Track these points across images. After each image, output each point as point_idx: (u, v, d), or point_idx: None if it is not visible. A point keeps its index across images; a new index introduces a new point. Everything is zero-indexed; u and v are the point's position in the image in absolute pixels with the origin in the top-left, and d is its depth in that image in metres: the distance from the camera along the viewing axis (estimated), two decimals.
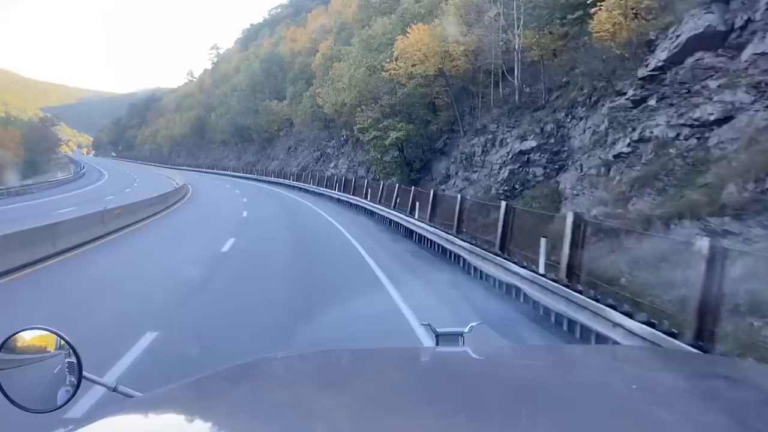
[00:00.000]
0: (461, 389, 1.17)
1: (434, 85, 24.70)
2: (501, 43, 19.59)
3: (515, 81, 18.95)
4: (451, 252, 11.25)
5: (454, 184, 19.98)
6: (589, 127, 14.83)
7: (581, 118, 15.50)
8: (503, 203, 11.36)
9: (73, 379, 1.36)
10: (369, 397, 1.14)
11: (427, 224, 13.53)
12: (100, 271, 10.02)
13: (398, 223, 16.21)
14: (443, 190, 19.91)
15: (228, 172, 58.70)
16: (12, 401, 1.28)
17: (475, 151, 19.65)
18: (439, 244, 12.11)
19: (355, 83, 28.35)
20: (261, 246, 13.44)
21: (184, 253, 11.76)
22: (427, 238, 13.00)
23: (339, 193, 27.09)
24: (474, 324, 1.71)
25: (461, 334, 1.63)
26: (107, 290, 8.30)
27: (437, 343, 1.65)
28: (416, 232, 14.13)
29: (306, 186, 34.43)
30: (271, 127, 56.68)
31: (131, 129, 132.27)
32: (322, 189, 30.95)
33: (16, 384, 1.32)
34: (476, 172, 19.00)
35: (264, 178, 46.42)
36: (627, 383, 1.23)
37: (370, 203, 20.49)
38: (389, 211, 17.48)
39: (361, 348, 2.23)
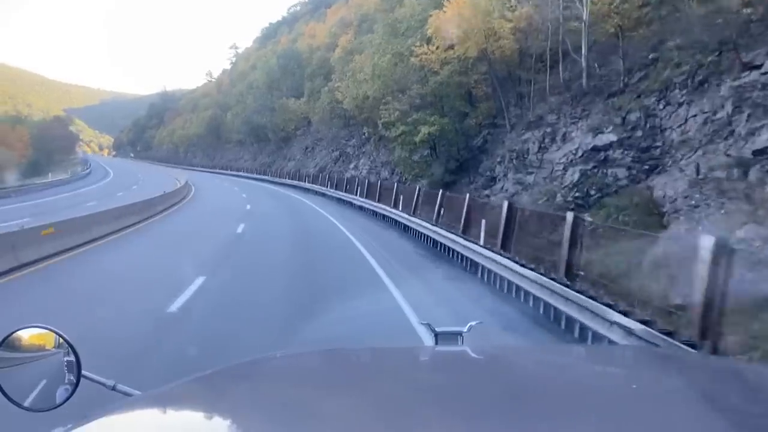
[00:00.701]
0: (460, 388, 1.16)
1: (472, 73, 21.09)
2: (560, 16, 15.90)
3: (582, 61, 15.26)
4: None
5: (503, 188, 16.32)
6: (696, 114, 11.11)
7: (681, 104, 11.77)
8: (569, 214, 7.96)
9: (72, 377, 1.36)
10: (369, 397, 1.14)
11: (515, 263, 8.27)
12: None
13: (449, 247, 11.42)
14: (487, 196, 16.29)
15: (241, 173, 55.73)
16: (11, 400, 1.28)
17: (528, 149, 15.99)
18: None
19: (379, 72, 24.88)
20: (243, 295, 8.19)
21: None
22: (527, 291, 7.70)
23: (362, 199, 22.78)
24: (473, 323, 1.66)
25: (460, 334, 1.59)
26: None
27: (436, 342, 1.61)
28: (492, 271, 8.95)
29: (323, 190, 30.88)
30: (288, 125, 53.58)
31: (150, 130, 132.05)
32: (341, 193, 27.20)
33: (15, 382, 1.32)
34: (532, 173, 15.33)
35: (278, 179, 43.08)
36: (627, 383, 1.22)
37: (403, 214, 16.10)
38: (431, 227, 13.00)
39: (361, 347, 2.14)
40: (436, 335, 1.62)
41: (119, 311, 7.00)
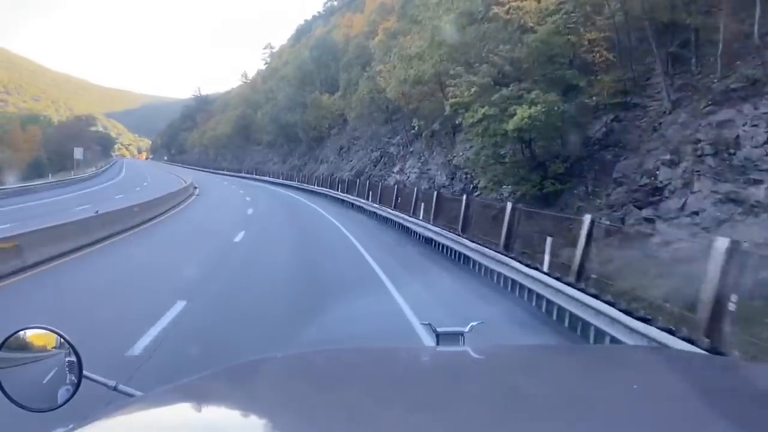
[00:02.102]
0: (462, 389, 1.15)
1: (587, 29, 14.04)
2: None
3: None
4: None
5: (683, 208, 9.14)
6: None
7: None
8: None
9: (73, 378, 1.36)
10: (369, 397, 1.13)
11: None
12: None
13: None
14: (646, 222, 9.19)
15: (267, 178, 49.65)
16: (12, 400, 1.27)
17: (737, 137, 8.79)
18: None
19: (441, 40, 18.06)
20: None
21: None
22: None
23: (429, 226, 14.25)
24: (474, 323, 1.65)
25: (462, 334, 1.57)
26: None
27: (438, 343, 1.58)
28: None
29: (361, 201, 23.74)
30: (321, 123, 47.23)
31: (183, 132, 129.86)
32: (389, 211, 18.84)
33: (17, 383, 1.31)
34: (759, 182, 8.12)
35: (307, 186, 36.50)
36: (627, 383, 1.20)
37: (549, 279, 7.30)
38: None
39: (362, 347, 2.09)
40: (438, 335, 1.59)
41: None
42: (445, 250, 12.58)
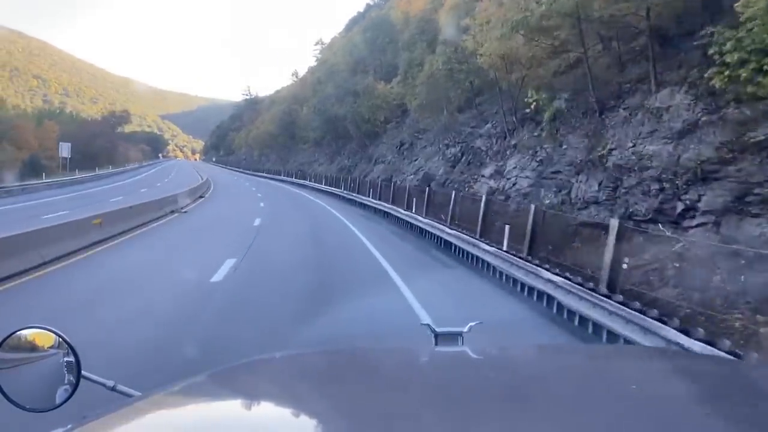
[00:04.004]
0: (460, 389, 1.14)
1: None
2: None
3: None
4: None
5: None
6: None
7: None
8: None
9: (71, 378, 1.36)
10: (368, 397, 1.12)
11: None
12: None
13: None
14: None
15: (308, 182, 41.66)
16: (11, 400, 1.27)
17: None
18: None
19: None
20: None
21: None
22: None
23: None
24: (473, 323, 1.63)
25: (460, 334, 1.58)
26: None
27: (436, 343, 1.59)
28: None
29: (473, 245, 12.05)
30: (376, 115, 38.82)
31: (231, 133, 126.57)
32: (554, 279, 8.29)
33: (15, 383, 1.31)
34: None
35: (356, 196, 27.48)
36: (627, 383, 1.20)
37: None
38: None
39: (361, 347, 2.14)
40: (436, 336, 1.59)
41: None
42: None
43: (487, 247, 11.08)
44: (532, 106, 14.90)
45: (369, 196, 24.73)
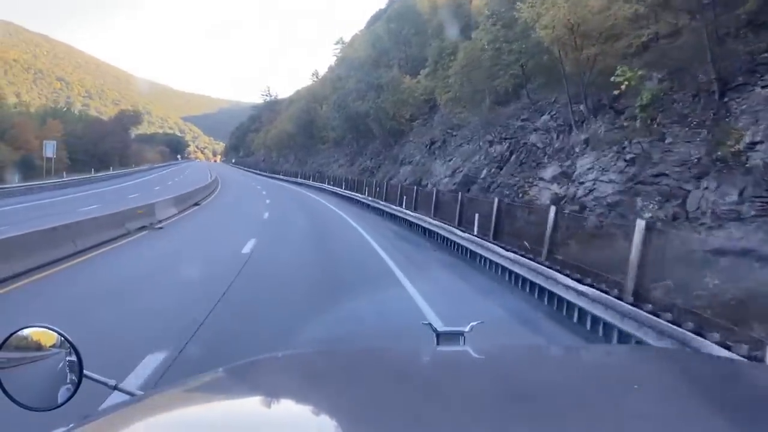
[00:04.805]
0: (462, 389, 1.14)
1: None
2: None
3: None
4: None
5: None
6: None
7: None
8: None
9: (73, 377, 1.34)
10: (369, 397, 1.12)
11: None
12: None
13: None
14: None
15: (326, 185, 38.27)
16: (13, 399, 1.26)
17: None
18: None
19: None
20: None
21: None
22: None
23: None
24: (474, 323, 1.64)
25: (462, 334, 1.58)
26: None
27: (438, 343, 1.60)
28: None
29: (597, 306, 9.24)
30: (401, 111, 35.28)
31: (251, 133, 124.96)
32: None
33: (17, 382, 1.29)
34: None
35: (382, 204, 23.20)
36: (628, 383, 1.19)
37: None
38: None
39: (362, 347, 2.15)
40: (438, 335, 1.58)
41: None
42: None
43: (584, 288, 7.37)
44: (622, 87, 11.12)
45: (401, 206, 20.39)
